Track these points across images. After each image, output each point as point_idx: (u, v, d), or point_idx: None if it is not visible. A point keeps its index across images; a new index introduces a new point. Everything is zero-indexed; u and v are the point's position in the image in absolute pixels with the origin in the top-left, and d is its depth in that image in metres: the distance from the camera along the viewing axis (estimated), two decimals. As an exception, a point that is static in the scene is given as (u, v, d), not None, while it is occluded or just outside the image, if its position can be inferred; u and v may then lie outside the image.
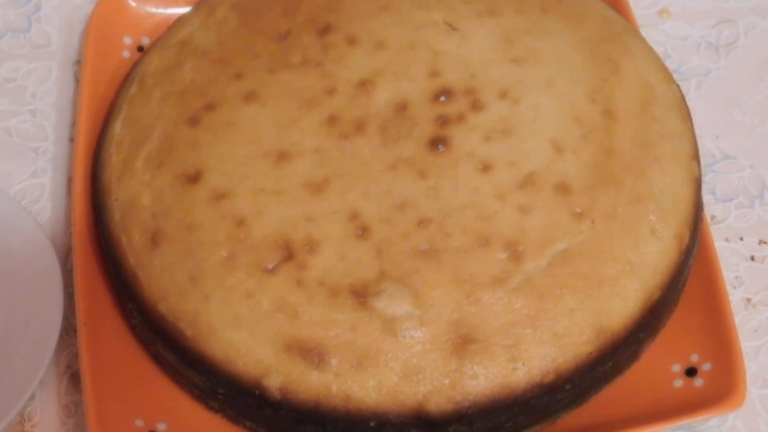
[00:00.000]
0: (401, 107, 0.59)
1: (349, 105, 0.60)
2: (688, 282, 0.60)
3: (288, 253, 0.55)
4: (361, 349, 0.53)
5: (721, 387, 0.56)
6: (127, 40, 0.70)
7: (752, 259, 0.65)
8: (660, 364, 0.58)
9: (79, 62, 0.73)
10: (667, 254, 0.57)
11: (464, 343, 0.53)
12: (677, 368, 0.58)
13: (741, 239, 0.66)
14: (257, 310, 0.54)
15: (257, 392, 0.54)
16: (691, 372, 0.58)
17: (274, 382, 0.54)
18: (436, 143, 0.58)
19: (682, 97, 0.63)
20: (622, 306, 0.55)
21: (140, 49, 0.70)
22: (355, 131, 0.59)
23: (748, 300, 0.64)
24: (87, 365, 0.57)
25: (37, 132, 0.70)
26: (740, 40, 0.74)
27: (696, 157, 0.61)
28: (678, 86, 0.64)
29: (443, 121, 0.59)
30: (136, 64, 0.67)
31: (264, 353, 0.54)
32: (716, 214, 0.67)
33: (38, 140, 0.70)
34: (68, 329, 0.62)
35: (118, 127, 0.63)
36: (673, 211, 0.58)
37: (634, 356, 0.58)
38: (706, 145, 0.69)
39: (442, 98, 0.59)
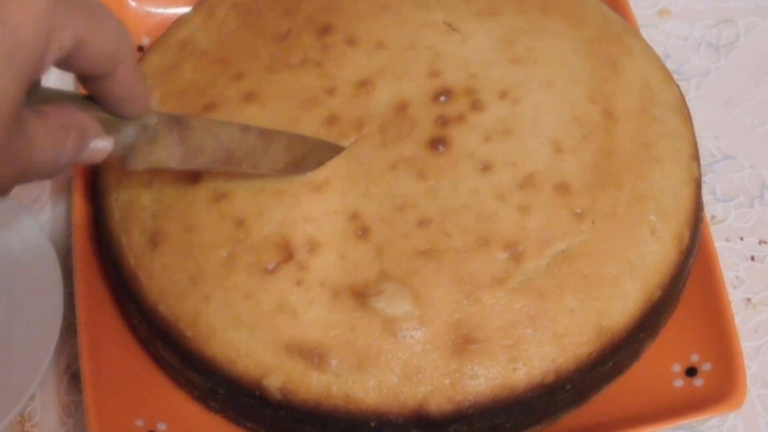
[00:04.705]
0: (401, 107, 0.59)
1: (348, 105, 0.60)
2: (688, 282, 0.60)
3: (288, 254, 0.55)
4: (362, 349, 0.53)
5: (721, 387, 0.56)
6: (127, 40, 0.70)
7: (752, 259, 0.65)
8: (660, 364, 0.58)
9: (79, 62, 0.72)
10: (667, 254, 0.57)
11: (464, 343, 0.53)
12: (677, 368, 0.58)
13: (741, 239, 0.66)
14: (257, 311, 0.54)
15: (257, 393, 0.54)
16: (691, 372, 0.58)
17: (274, 383, 0.54)
18: (436, 143, 0.58)
19: (682, 97, 0.63)
20: (622, 306, 0.55)
21: (140, 49, 0.70)
22: (354, 131, 0.59)
23: (748, 300, 0.64)
24: (87, 365, 0.57)
25: (37, 132, 0.70)
26: (740, 40, 0.74)
27: (696, 157, 0.61)
28: (678, 86, 0.64)
29: (443, 121, 0.59)
30: (136, 64, 0.67)
31: (264, 354, 0.54)
32: (716, 214, 0.67)
33: (38, 140, 0.70)
34: (68, 329, 0.62)
35: (118, 127, 0.63)
36: (673, 211, 0.58)
37: (634, 356, 0.58)
38: (706, 145, 0.69)
39: (442, 98, 0.59)
